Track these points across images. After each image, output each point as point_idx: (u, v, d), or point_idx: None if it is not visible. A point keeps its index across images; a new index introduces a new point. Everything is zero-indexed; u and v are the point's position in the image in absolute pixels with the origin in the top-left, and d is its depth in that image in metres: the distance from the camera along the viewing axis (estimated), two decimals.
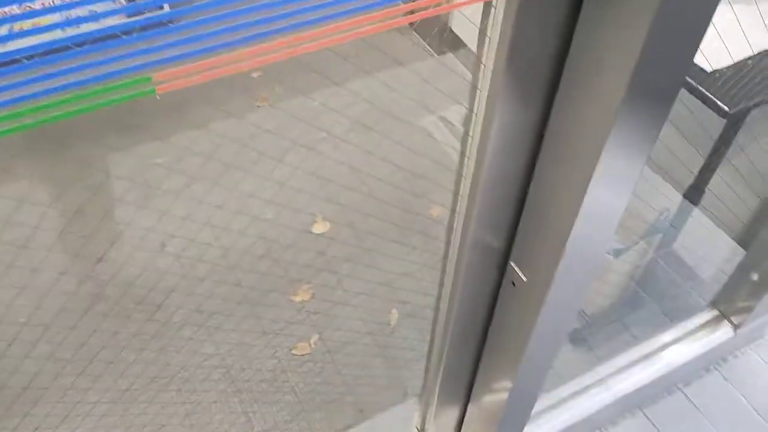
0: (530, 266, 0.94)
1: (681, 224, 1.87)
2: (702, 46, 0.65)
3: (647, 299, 1.74)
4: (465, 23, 2.27)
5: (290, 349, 1.70)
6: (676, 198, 1.81)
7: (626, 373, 1.56)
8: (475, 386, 1.35)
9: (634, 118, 0.70)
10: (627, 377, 1.56)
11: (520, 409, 1.35)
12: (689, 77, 1.16)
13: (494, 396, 1.30)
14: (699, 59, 1.19)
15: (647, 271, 1.77)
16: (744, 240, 1.78)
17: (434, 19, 0.75)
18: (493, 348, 1.17)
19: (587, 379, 1.55)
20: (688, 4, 0.61)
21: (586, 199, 0.78)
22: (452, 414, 1.45)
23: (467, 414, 1.44)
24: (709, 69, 1.18)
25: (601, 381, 1.54)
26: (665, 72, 0.67)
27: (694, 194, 1.76)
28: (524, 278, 0.95)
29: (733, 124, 1.31)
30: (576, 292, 0.98)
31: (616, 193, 0.81)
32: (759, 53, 1.26)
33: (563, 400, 1.51)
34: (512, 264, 0.96)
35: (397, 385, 1.65)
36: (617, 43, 0.65)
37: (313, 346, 1.71)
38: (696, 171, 1.65)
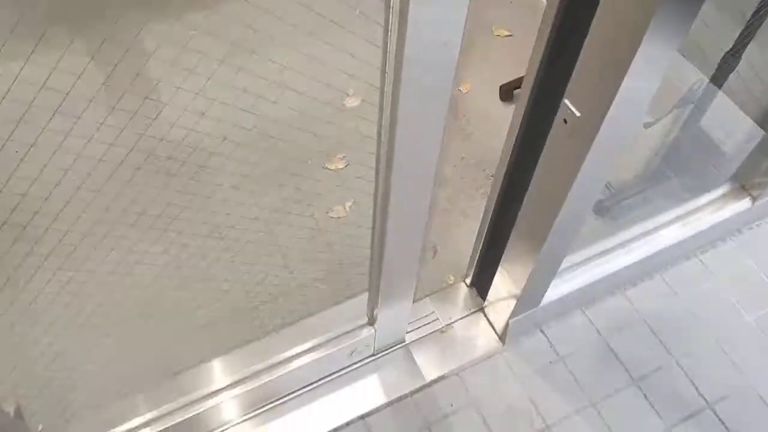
0: (584, 103, 1.00)
1: (705, 106, 1.91)
2: None
3: (670, 174, 1.81)
4: None
5: (326, 212, 1.78)
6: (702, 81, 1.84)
7: (646, 238, 1.65)
8: (510, 241, 1.44)
9: None
10: (647, 242, 1.65)
11: (549, 264, 1.44)
12: None
13: (527, 250, 1.38)
14: None
15: (672, 146, 1.83)
16: (764, 122, 1.83)
17: None
18: (536, 195, 1.24)
19: (609, 242, 1.64)
20: None
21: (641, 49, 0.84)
22: (489, 269, 1.54)
23: (499, 268, 1.53)
24: None
25: (622, 245, 1.63)
26: None
27: (719, 76, 1.80)
28: (578, 114, 1.00)
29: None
30: (622, 134, 1.04)
31: (664, 48, 0.86)
32: None
33: (587, 260, 1.60)
34: (566, 101, 1.01)
35: (430, 244, 1.74)
36: None
37: (348, 209, 1.79)
38: (723, 52, 1.67)
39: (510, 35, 2.18)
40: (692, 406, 1.53)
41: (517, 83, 2.00)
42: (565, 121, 1.04)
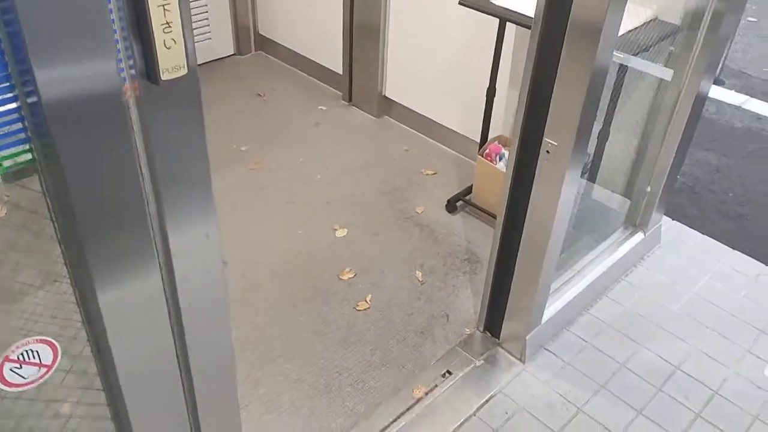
0: (558, 137, 1.65)
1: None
2: None
3: (587, 228, 2.51)
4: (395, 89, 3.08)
5: (353, 307, 2.21)
6: None
7: (589, 269, 2.28)
8: (512, 286, 1.98)
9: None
10: (589, 273, 2.28)
11: (543, 290, 1.99)
12: None
13: (527, 289, 1.93)
14: None
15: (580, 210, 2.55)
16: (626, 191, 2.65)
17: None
18: (531, 220, 1.83)
19: (568, 275, 2.24)
20: None
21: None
22: (497, 313, 2.05)
23: (507, 310, 2.05)
24: None
25: (579, 273, 2.25)
26: None
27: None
28: (556, 144, 1.65)
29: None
30: (582, 160, 1.70)
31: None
32: None
33: (562, 285, 2.18)
34: (546, 138, 1.66)
35: (441, 313, 2.22)
36: None
37: (369, 303, 2.23)
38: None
39: (435, 173, 2.92)
40: (665, 370, 2.06)
41: (456, 198, 2.68)
42: (548, 152, 1.68)
